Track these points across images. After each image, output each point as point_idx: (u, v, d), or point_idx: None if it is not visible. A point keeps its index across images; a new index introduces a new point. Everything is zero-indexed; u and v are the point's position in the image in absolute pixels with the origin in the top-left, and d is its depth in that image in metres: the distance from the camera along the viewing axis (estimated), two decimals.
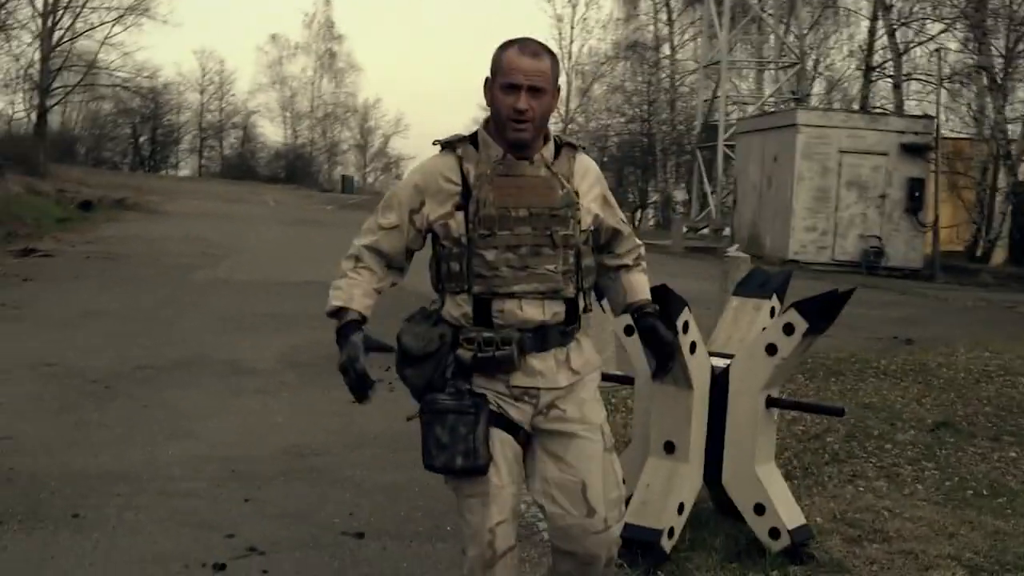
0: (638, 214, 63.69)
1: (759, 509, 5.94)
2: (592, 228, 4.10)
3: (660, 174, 62.92)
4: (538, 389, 4.00)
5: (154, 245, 25.20)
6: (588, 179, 4.11)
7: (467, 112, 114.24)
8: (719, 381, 5.93)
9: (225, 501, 6.86)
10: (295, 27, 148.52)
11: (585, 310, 4.11)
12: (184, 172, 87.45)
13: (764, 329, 6.03)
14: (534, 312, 3.94)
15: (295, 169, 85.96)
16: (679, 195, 60.20)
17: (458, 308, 3.98)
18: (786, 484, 6.26)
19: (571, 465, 4.01)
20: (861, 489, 7.48)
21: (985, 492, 7.53)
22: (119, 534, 6.19)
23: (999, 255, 39.98)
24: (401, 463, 7.65)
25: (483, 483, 3.96)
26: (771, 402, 6.00)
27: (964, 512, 7.01)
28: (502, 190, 3.92)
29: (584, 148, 4.20)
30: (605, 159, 61.63)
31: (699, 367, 5.76)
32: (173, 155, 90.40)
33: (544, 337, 3.98)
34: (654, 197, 65.66)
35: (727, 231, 40.34)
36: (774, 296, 6.39)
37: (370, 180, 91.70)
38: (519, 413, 4.01)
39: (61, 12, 56.49)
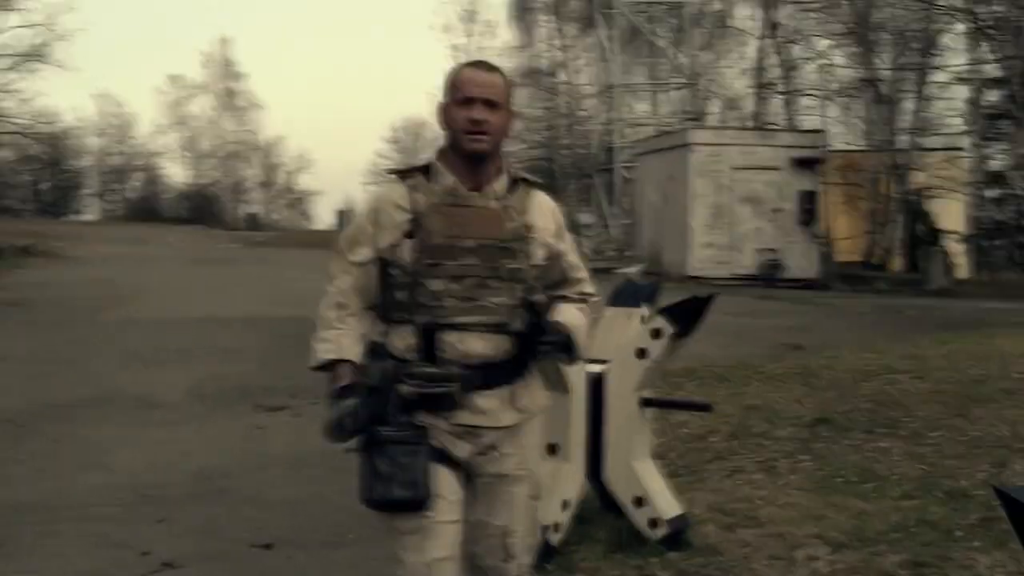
0: None
1: (638, 502, 6.41)
2: (544, 263, 3.98)
3: (564, 198, 63.49)
4: (481, 428, 3.89)
5: (60, 290, 25.15)
6: (544, 215, 4.01)
7: (369, 146, 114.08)
8: (596, 385, 6.39)
9: (138, 523, 7.20)
10: (194, 67, 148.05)
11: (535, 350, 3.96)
12: (88, 217, 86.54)
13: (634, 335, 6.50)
14: (478, 346, 3.83)
15: (200, 209, 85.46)
16: (584, 218, 60.64)
17: (403, 340, 3.86)
18: (663, 477, 6.72)
19: (498, 511, 3.97)
20: (739, 482, 7.98)
21: (854, 479, 8.05)
22: (39, 557, 6.52)
23: (896, 262, 40.97)
24: (304, 480, 8.14)
25: (422, 518, 3.79)
26: (645, 402, 6.49)
27: (832, 497, 7.52)
28: (450, 219, 3.83)
29: (541, 184, 4.11)
30: None
31: (576, 373, 6.20)
32: (76, 200, 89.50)
33: (490, 374, 3.86)
34: None
35: (628, 252, 40.92)
36: (644, 305, 6.84)
37: (276, 217, 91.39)
38: (460, 451, 3.89)
39: None
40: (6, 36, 56.22)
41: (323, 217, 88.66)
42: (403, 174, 3.97)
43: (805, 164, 33.88)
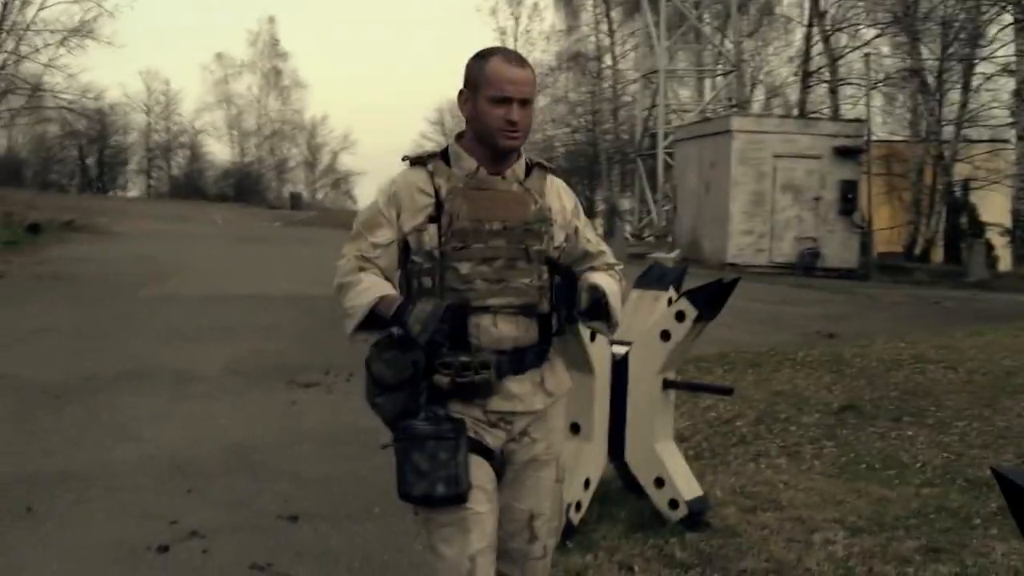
0: None
1: (659, 482, 6.52)
2: (564, 245, 4.00)
3: (606, 183, 63.60)
4: (514, 414, 3.89)
5: (104, 265, 25.37)
6: (561, 198, 4.03)
7: (414, 127, 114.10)
8: (619, 366, 6.50)
9: (169, 493, 7.36)
10: (240, 45, 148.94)
11: (558, 330, 4.00)
12: (132, 193, 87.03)
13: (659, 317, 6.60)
14: (509, 329, 3.82)
15: (244, 187, 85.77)
16: (626, 203, 60.66)
17: None
18: (684, 459, 6.82)
19: (525, 495, 3.97)
20: (762, 466, 8.10)
21: (877, 466, 8.15)
22: (70, 525, 6.69)
23: (937, 254, 40.78)
24: (337, 457, 8.30)
25: (461, 509, 3.73)
26: (667, 384, 6.59)
27: (854, 483, 7.63)
28: (476, 203, 3.81)
29: (555, 169, 4.10)
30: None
31: (600, 354, 6.31)
32: (121, 176, 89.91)
33: (521, 359, 3.86)
34: (601, 206, 66.28)
35: (670, 237, 40.91)
36: (671, 288, 6.93)
37: (319, 197, 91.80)
38: (494, 439, 3.87)
39: (4, 35, 56.20)
40: (54, 11, 56.61)
41: (366, 198, 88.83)
42: (421, 160, 3.93)
43: (847, 153, 33.69)
